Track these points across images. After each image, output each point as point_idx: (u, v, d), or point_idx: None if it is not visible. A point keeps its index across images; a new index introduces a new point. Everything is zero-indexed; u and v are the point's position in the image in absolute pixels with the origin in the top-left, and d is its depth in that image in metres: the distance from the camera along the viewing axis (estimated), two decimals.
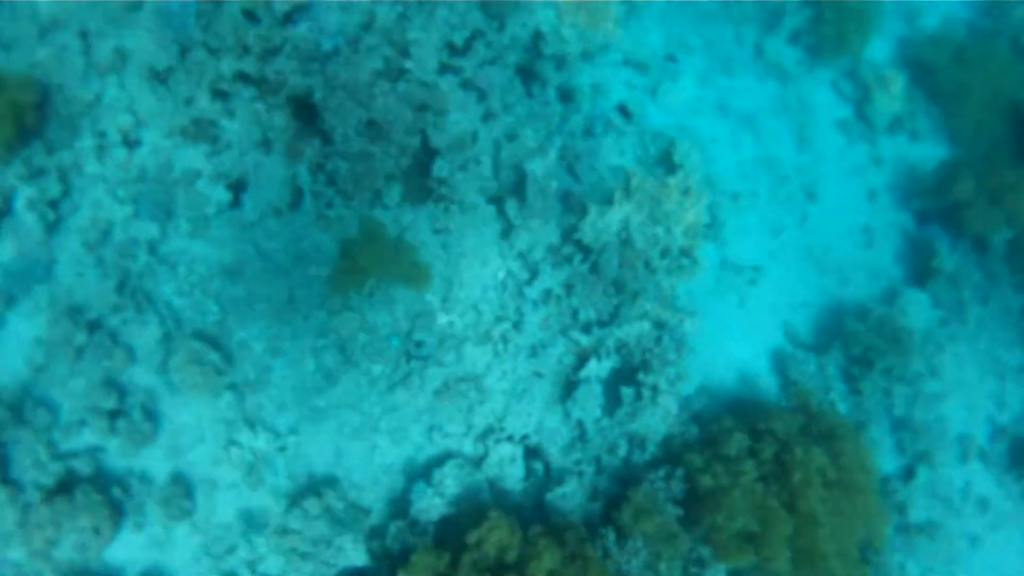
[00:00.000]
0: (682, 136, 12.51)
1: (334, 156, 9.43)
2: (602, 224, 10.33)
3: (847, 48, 14.23)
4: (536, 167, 10.10)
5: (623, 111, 11.72)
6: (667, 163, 11.98)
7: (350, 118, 9.25)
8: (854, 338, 12.08)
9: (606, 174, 11.41)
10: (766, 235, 13.03)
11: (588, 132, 11.35)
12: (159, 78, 10.09)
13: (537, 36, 10.96)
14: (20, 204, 9.93)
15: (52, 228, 9.95)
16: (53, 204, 9.96)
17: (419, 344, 9.78)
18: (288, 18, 9.90)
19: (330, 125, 9.22)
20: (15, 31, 10.57)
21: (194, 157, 9.96)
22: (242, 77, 9.76)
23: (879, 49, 14.32)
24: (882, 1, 14.78)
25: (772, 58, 13.76)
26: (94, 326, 9.61)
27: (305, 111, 9.55)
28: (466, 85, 10.35)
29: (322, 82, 9.44)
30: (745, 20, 13.89)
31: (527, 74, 11.18)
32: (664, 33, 13.24)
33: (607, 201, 10.62)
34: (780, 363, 12.29)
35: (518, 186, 10.35)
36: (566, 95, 11.72)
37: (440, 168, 9.94)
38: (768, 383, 12.28)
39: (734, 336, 12.25)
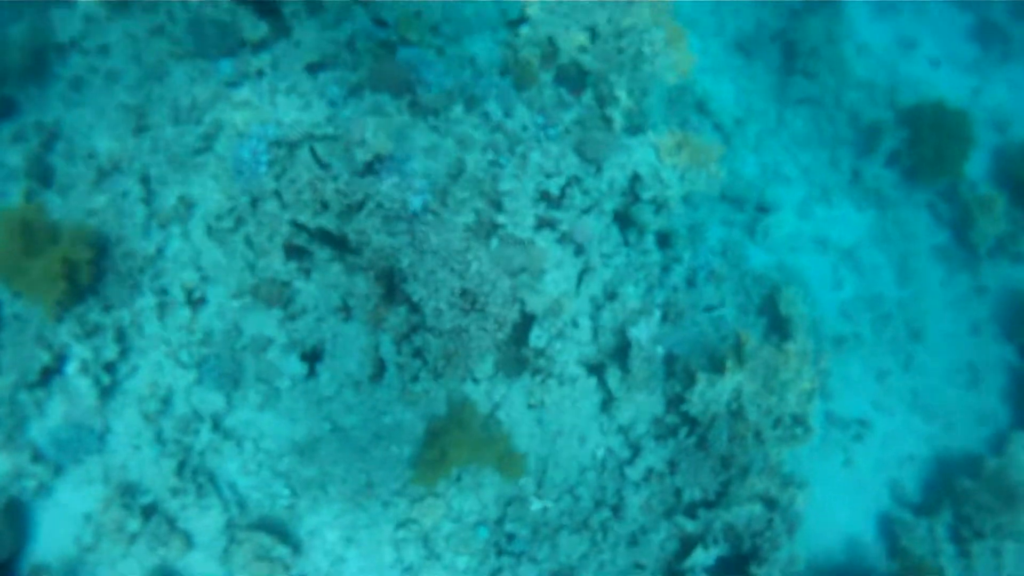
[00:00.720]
0: (784, 277, 11.24)
1: (423, 331, 8.21)
2: (712, 394, 9.09)
3: (946, 168, 13.06)
4: (641, 333, 8.89)
5: None
6: (771, 311, 10.69)
7: (442, 289, 8.08)
8: (963, 497, 10.73)
9: (708, 328, 10.12)
10: (871, 381, 11.80)
11: (690, 282, 10.11)
12: (227, 231, 8.89)
13: (635, 179, 9.74)
14: (73, 365, 8.76)
15: (107, 393, 8.81)
16: (109, 367, 8.80)
17: (511, 537, 8.47)
18: (369, 168, 8.72)
19: (420, 297, 8.00)
20: (72, 173, 9.50)
21: (265, 322, 8.79)
22: (319, 235, 8.55)
23: (973, 162, 13.04)
24: (972, 113, 13.39)
25: (870, 183, 12.59)
26: (150, 510, 8.36)
27: (390, 274, 8.34)
28: (563, 239, 9.14)
29: (409, 243, 8.29)
30: (840, 142, 12.75)
31: (624, 220, 9.98)
32: (759, 161, 12.06)
33: (714, 365, 9.32)
34: (888, 528, 10.94)
35: (620, 353, 9.13)
36: (663, 239, 10.51)
37: (538, 338, 8.76)
38: (876, 550, 10.91)
39: (840, 500, 11.04)
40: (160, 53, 9.97)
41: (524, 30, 9.97)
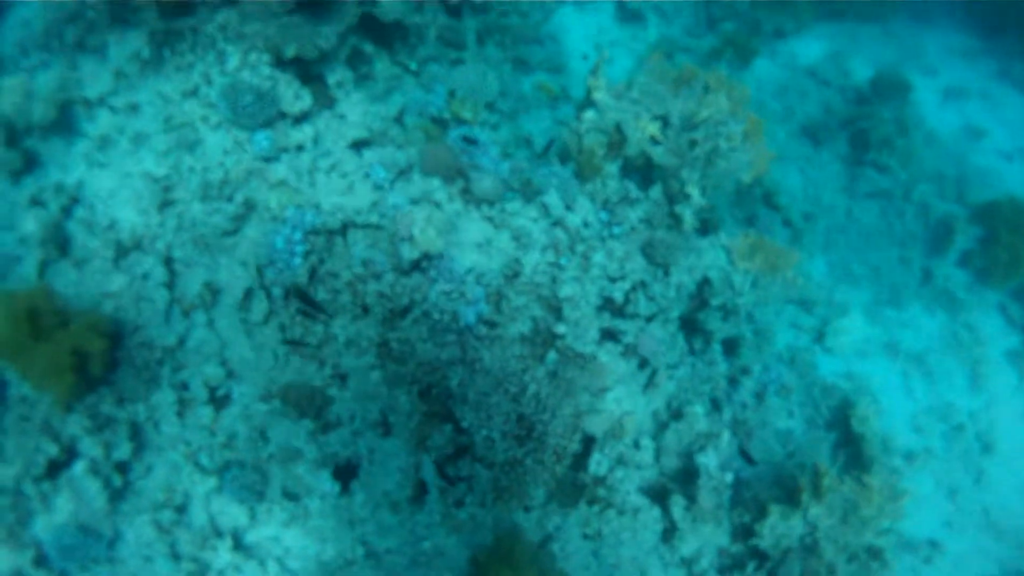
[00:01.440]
0: (853, 386, 10.13)
1: (473, 461, 7.12)
2: (784, 528, 7.91)
3: (1021, 270, 11.86)
4: (709, 460, 7.79)
5: None
6: (843, 426, 9.56)
7: (495, 416, 7.02)
8: None
9: (776, 445, 8.99)
10: (942, 499, 10.62)
11: (759, 397, 9.00)
12: (257, 324, 7.81)
13: (704, 283, 8.66)
14: (82, 463, 7.68)
15: (118, 496, 7.76)
16: (121, 467, 7.77)
17: None
18: (416, 266, 7.68)
19: (470, 423, 6.91)
20: (91, 246, 8.45)
21: (295, 432, 7.69)
22: (359, 341, 7.48)
23: None
24: None
25: (941, 284, 11.52)
26: None
27: (435, 389, 7.26)
28: (627, 351, 8.05)
29: (459, 359, 7.21)
30: (911, 240, 11.69)
31: (689, 326, 8.90)
32: (827, 261, 10.99)
33: (787, 494, 8.18)
34: None
35: (685, 478, 7.99)
36: (730, 345, 9.41)
37: (598, 464, 7.67)
38: None
39: None
40: (192, 118, 8.95)
41: (589, 114, 8.94)
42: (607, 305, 8.31)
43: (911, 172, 12.11)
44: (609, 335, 8.15)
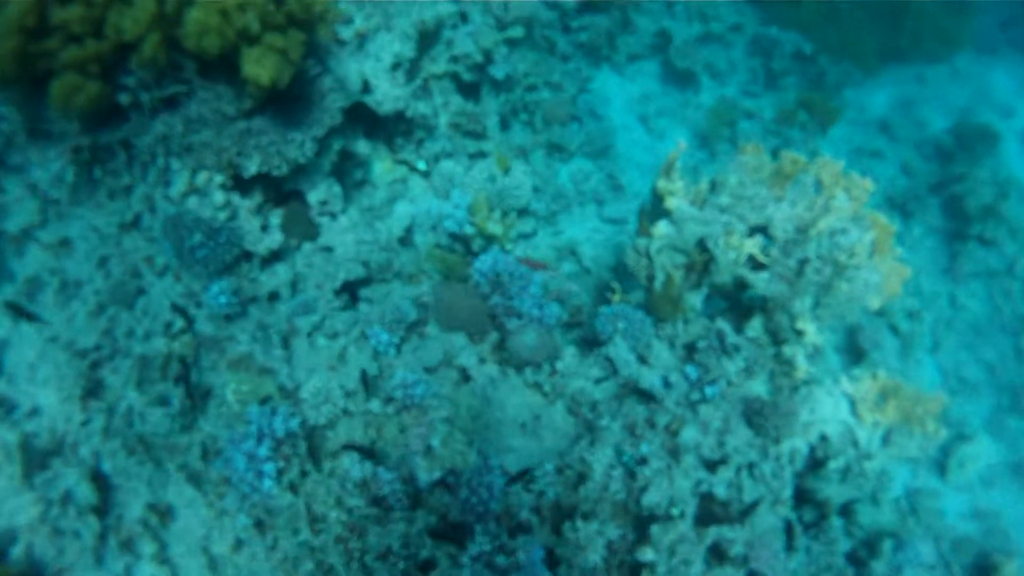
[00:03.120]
0: (983, 527, 6.96)
1: None
2: None
3: None
4: None
5: None
6: None
7: None
8: None
9: None
10: None
11: None
12: (223, 559, 4.68)
13: (821, 440, 5.47)
14: None
15: None
16: None
17: None
18: (439, 484, 4.50)
19: None
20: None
21: None
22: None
23: None
24: None
25: None
26: None
27: None
28: (736, 565, 4.82)
29: None
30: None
31: (798, 495, 5.71)
32: (938, 366, 7.74)
33: None
34: None
35: None
36: (845, 509, 6.21)
37: None
38: None
39: None
40: (134, 259, 5.81)
41: (662, 228, 5.76)
42: (706, 502, 5.08)
43: (1020, 245, 8.85)
44: (715, 555, 4.94)
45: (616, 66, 9.08)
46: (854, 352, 7.64)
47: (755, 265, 6.05)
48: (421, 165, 6.92)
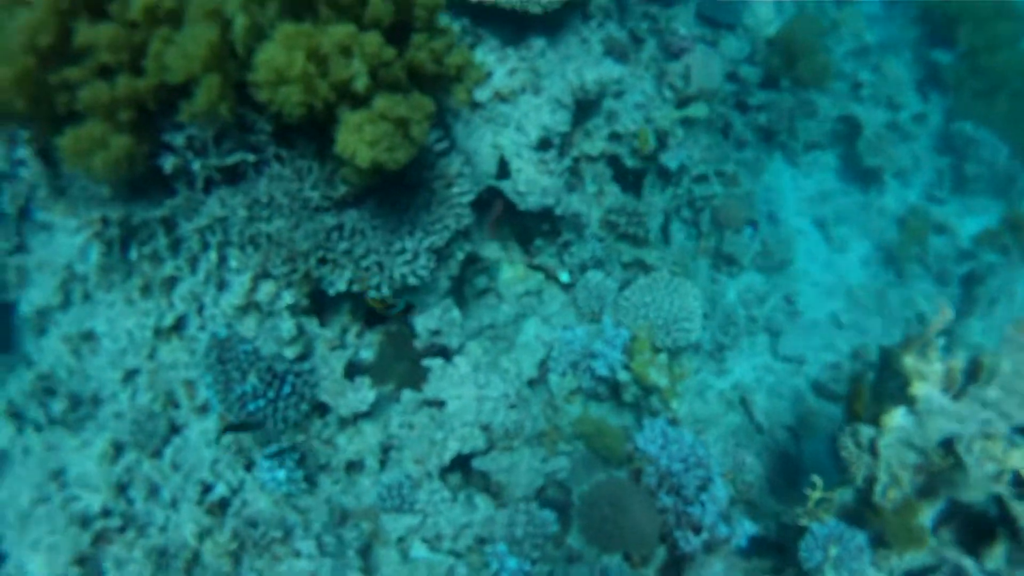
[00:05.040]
0: None
1: None
2: None
3: None
4: None
5: None
6: None
7: None
8: None
9: None
10: None
11: None
12: None
13: None
14: None
15: None
16: None
17: None
18: None
19: None
20: None
21: None
22: None
23: None
24: None
25: None
26: None
27: None
28: None
29: None
30: None
31: None
32: None
33: None
34: None
35: None
36: None
37: None
38: None
39: None
40: (171, 381, 3.76)
41: (899, 418, 3.09)
42: None
43: None
44: None
45: (790, 154, 6.54)
46: None
47: (1019, 482, 3.43)
48: (564, 277, 4.47)
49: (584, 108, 4.83)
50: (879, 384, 4.08)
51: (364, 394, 3.47)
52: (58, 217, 4.17)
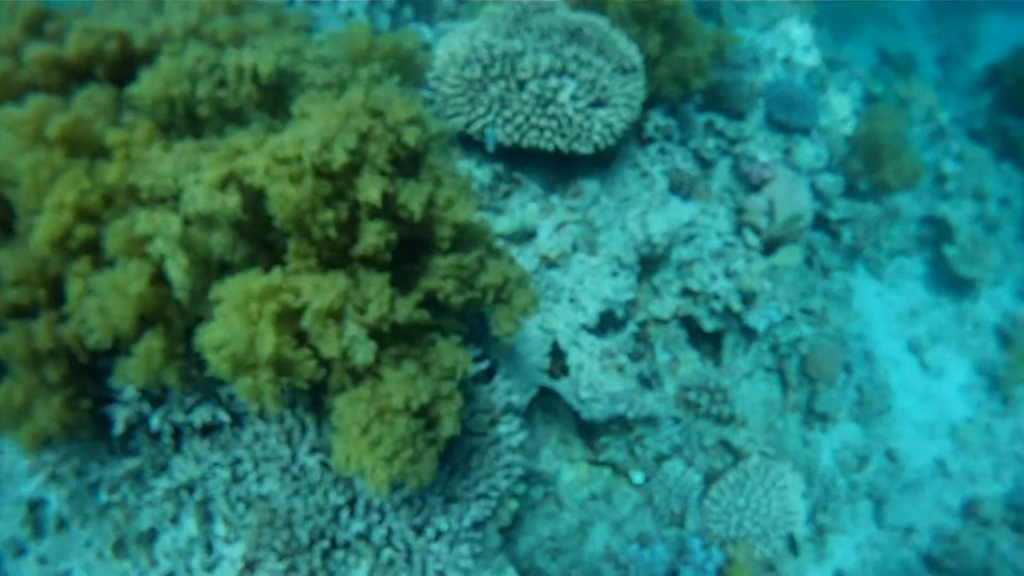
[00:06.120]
0: None
1: None
2: None
3: None
4: None
5: None
6: None
7: None
8: None
9: None
10: None
11: None
12: None
13: None
14: None
15: None
16: None
17: None
18: None
19: None
20: None
21: None
22: None
23: None
24: None
25: None
26: None
27: None
28: None
29: None
30: None
31: None
32: None
33: None
34: None
35: None
36: None
37: None
38: None
39: None
40: None
41: None
42: None
43: None
44: None
45: (873, 265, 5.30)
46: None
47: None
48: (638, 479, 3.28)
49: (651, 261, 3.67)
50: None
51: None
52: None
